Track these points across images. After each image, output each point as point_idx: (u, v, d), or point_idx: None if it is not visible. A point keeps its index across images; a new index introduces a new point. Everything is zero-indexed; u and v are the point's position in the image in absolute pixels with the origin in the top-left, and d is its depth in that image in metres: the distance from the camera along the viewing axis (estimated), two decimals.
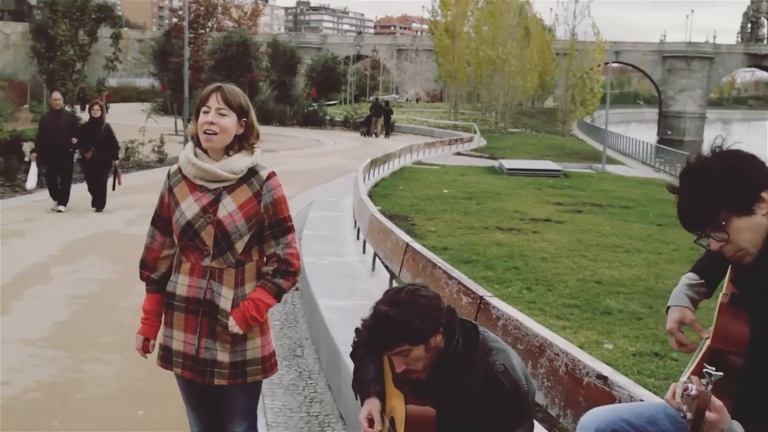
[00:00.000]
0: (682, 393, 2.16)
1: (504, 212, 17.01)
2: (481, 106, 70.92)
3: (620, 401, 3.58)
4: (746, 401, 2.42)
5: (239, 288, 3.57)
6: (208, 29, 36.45)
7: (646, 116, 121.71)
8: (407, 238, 8.09)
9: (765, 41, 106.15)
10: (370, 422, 3.26)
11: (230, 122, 3.51)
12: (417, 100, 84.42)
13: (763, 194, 2.46)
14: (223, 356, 3.56)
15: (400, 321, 2.98)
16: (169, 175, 3.68)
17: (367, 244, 10.42)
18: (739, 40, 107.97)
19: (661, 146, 52.72)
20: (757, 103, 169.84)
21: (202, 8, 36.68)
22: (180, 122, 37.63)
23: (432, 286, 6.66)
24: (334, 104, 65.87)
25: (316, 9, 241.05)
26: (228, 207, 3.51)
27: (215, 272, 3.53)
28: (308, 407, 6.36)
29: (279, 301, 3.70)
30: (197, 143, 3.57)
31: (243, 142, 3.57)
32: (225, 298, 3.53)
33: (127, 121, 34.52)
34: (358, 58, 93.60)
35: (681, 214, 2.58)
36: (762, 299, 2.53)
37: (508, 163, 29.44)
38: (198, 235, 3.51)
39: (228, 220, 3.49)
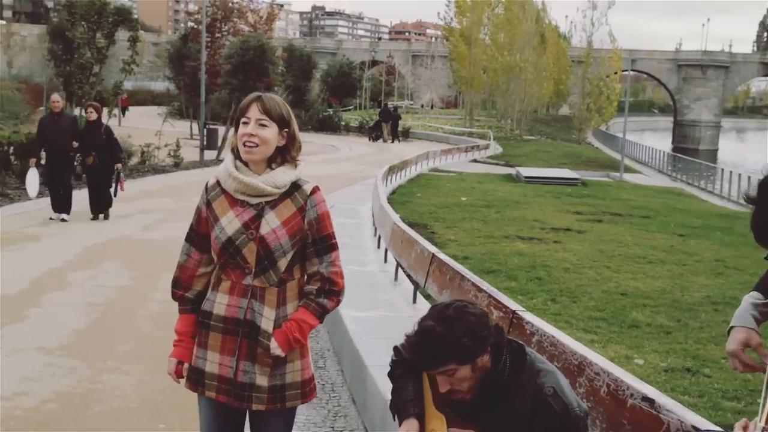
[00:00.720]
0: None
1: (524, 221, 16.83)
2: (496, 113, 70.75)
3: (669, 426, 3.41)
4: None
5: (281, 308, 3.39)
6: (225, 33, 36.42)
7: (661, 125, 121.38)
8: (433, 249, 7.92)
9: None
10: None
11: (271, 133, 3.34)
12: (431, 107, 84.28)
13: None
14: (262, 380, 3.37)
15: (447, 339, 2.84)
16: (206, 189, 3.49)
17: (388, 253, 10.26)
18: (755, 49, 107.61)
19: (678, 155, 52.42)
20: None
21: (219, 12, 36.65)
22: (195, 126, 37.66)
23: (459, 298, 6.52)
24: (350, 110, 65.79)
25: (331, 14, 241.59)
26: (271, 223, 3.33)
27: (257, 291, 3.35)
28: (333, 422, 6.21)
29: (321, 322, 3.54)
30: (237, 155, 3.40)
31: (285, 154, 3.40)
32: (267, 319, 3.35)
33: (144, 125, 34.56)
34: (374, 63, 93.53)
35: (757, 226, 2.41)
36: None
37: (526, 171, 29.26)
38: (239, 252, 3.33)
39: (271, 237, 3.32)
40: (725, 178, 37.71)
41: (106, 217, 14.96)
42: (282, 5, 66.95)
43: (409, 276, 9.58)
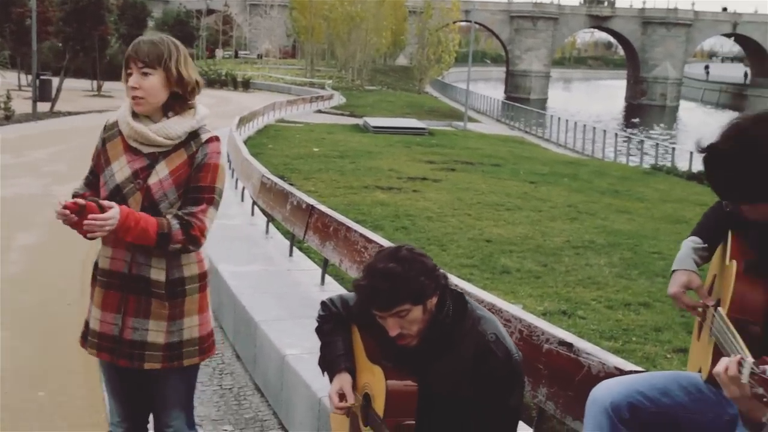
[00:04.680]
0: (753, 373, 2.02)
1: (380, 171, 16.92)
2: (336, 63, 70.59)
3: (590, 368, 3.48)
4: None
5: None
6: None
7: (493, 74, 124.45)
8: (311, 200, 7.81)
9: (606, 3, 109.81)
10: (341, 397, 3.07)
11: (156, 81, 3.09)
12: (260, 57, 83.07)
13: None
14: (157, 336, 3.18)
15: (406, 277, 2.79)
16: (105, 128, 3.25)
17: (255, 207, 10.07)
18: (582, 1, 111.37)
19: (513, 103, 54.04)
20: (595, 63, 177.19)
21: None
22: (23, 77, 35.61)
23: (347, 250, 6.46)
24: None
25: None
26: (160, 173, 3.12)
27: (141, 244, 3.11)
28: (219, 379, 6.07)
29: (154, 245, 3.10)
30: None
31: (179, 100, 3.16)
32: (156, 269, 3.14)
33: None
34: (209, 12, 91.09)
35: (728, 185, 2.48)
36: None
37: (374, 121, 29.38)
38: (125, 202, 3.08)
39: (157, 187, 3.10)
40: (556, 126, 39.29)
41: None
42: None
43: (278, 228, 9.44)
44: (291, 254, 8.25)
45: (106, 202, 3.00)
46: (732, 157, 2.36)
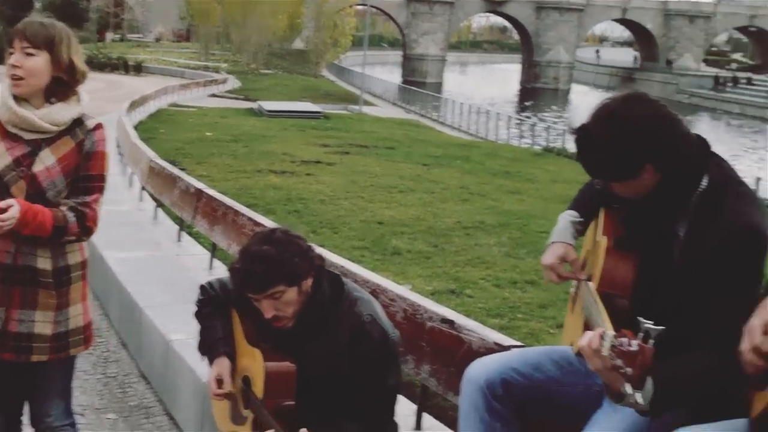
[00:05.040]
0: (613, 346, 2.08)
1: (273, 155, 16.85)
2: (231, 46, 69.74)
3: (471, 345, 3.53)
4: None
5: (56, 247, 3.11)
6: None
7: (390, 58, 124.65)
8: (199, 184, 7.73)
9: None
10: (219, 383, 3.07)
11: (41, 62, 2.99)
12: (159, 40, 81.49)
13: None
14: (44, 327, 3.09)
15: (280, 259, 2.80)
16: None
17: (144, 192, 9.88)
18: None
19: (409, 87, 54.41)
20: (491, 47, 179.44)
21: None
22: None
23: (235, 234, 6.40)
24: None
25: None
26: (46, 160, 3.02)
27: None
28: (104, 368, 5.95)
29: (50, 237, 3.02)
30: None
31: (65, 87, 3.08)
32: (42, 258, 3.06)
33: None
34: None
35: (599, 165, 2.57)
36: (653, 241, 2.52)
37: (268, 105, 29.20)
38: (7, 191, 2.98)
39: (44, 175, 3.01)
40: (451, 109, 39.77)
41: None
42: None
43: (168, 214, 9.29)
44: (179, 239, 8.14)
45: (5, 202, 2.88)
46: (601, 138, 2.42)
